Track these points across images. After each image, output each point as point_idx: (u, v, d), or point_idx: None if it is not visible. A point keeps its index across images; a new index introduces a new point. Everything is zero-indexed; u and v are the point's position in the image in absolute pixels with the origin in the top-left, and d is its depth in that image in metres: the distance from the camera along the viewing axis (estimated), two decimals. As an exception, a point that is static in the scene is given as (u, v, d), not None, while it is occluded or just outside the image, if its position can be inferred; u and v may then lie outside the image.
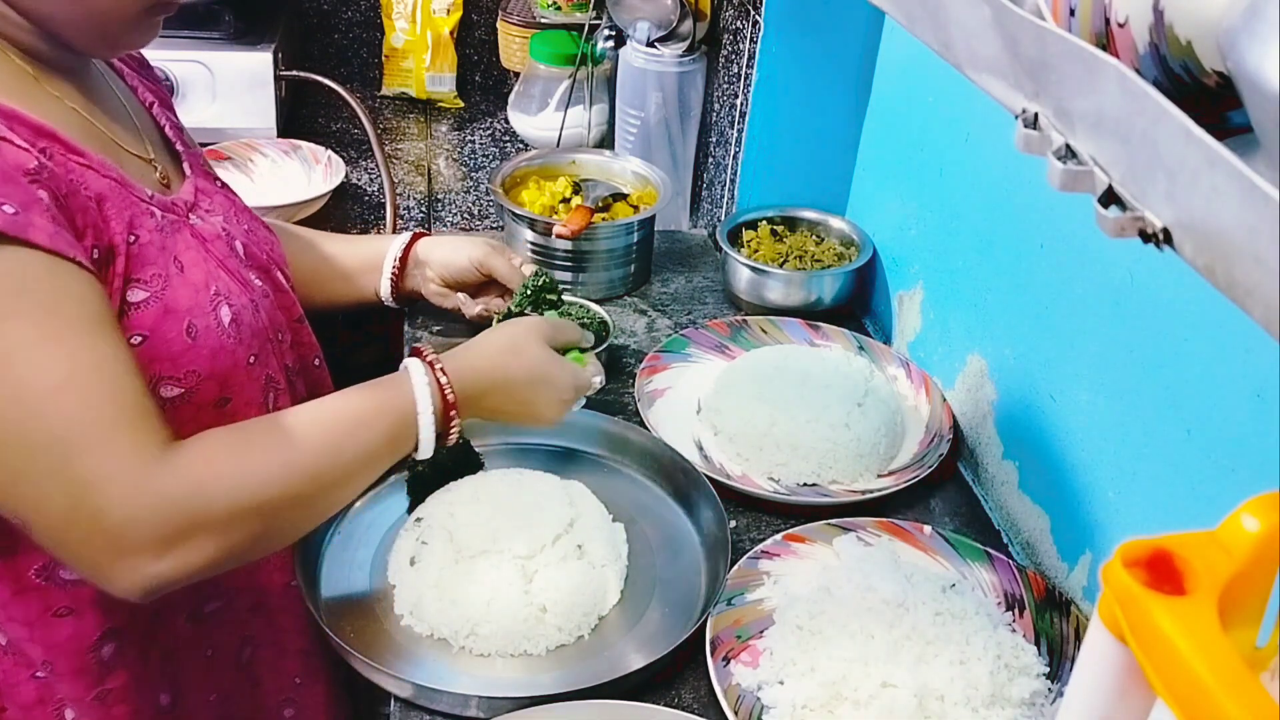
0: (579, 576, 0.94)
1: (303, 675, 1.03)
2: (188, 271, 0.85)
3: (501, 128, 1.98)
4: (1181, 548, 0.41)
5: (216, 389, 0.86)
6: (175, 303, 0.83)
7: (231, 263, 0.92)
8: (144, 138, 0.94)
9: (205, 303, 0.85)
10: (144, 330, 0.81)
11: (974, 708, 0.84)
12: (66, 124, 0.81)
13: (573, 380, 1.00)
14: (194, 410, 0.85)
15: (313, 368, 1.06)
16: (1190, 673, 0.37)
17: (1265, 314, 0.33)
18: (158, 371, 0.82)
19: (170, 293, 0.83)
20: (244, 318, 0.89)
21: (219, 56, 1.65)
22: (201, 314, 0.85)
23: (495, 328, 1.03)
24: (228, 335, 0.87)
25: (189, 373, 0.84)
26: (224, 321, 0.87)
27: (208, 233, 0.91)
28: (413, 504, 1.06)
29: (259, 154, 1.67)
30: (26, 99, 0.79)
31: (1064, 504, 1.01)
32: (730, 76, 1.49)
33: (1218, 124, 0.37)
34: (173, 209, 0.88)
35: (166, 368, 0.82)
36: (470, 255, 1.21)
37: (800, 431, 1.10)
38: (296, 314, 1.03)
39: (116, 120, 0.90)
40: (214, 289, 0.87)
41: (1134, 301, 0.90)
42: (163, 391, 0.82)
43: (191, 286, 0.85)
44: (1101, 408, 0.95)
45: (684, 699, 0.90)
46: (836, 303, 1.38)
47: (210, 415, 0.87)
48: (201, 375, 0.84)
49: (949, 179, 1.22)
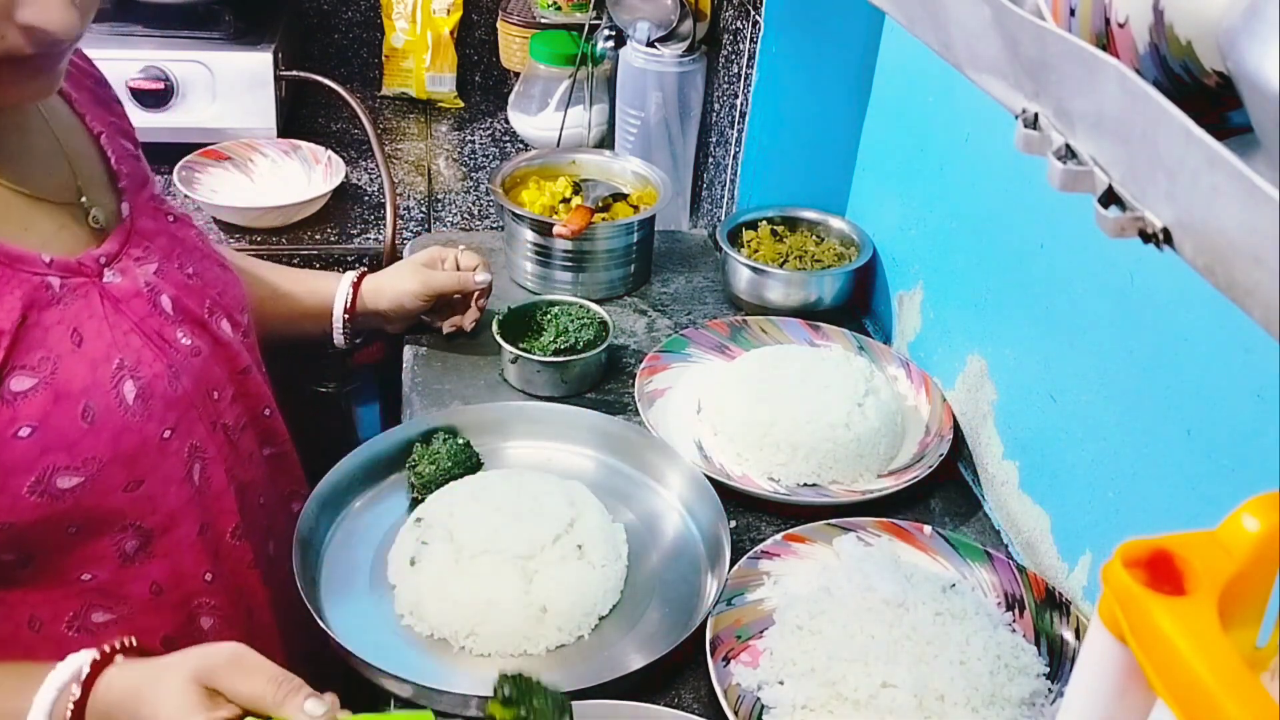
0: (579, 576, 0.94)
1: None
2: (87, 344, 0.80)
3: (501, 128, 1.98)
4: (1181, 548, 0.41)
5: (123, 473, 0.81)
6: (68, 385, 0.78)
7: (151, 323, 0.86)
8: (78, 179, 0.87)
9: (105, 380, 0.80)
10: (32, 421, 0.76)
11: (974, 708, 0.84)
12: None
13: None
14: (99, 498, 0.81)
15: (263, 418, 1.02)
16: (1190, 673, 0.37)
17: (1265, 314, 0.33)
18: (51, 462, 0.77)
19: (62, 375, 0.78)
20: (156, 389, 0.84)
21: (219, 56, 1.65)
22: (100, 393, 0.79)
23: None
24: (133, 413, 0.81)
25: (88, 460, 0.79)
26: (128, 398, 0.81)
27: (123, 292, 0.85)
28: (413, 504, 1.06)
29: (259, 154, 1.67)
30: None
31: (1064, 504, 1.01)
32: (730, 76, 1.49)
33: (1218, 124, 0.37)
34: (80, 271, 0.82)
35: (61, 458, 0.77)
36: (411, 291, 1.22)
37: (800, 431, 1.10)
38: (241, 365, 0.97)
39: (38, 162, 0.84)
40: (117, 361, 0.81)
41: (1134, 301, 0.90)
42: (59, 482, 0.77)
43: (89, 362, 0.80)
44: (1101, 408, 0.95)
45: (684, 699, 0.90)
46: (836, 303, 1.38)
47: (120, 500, 0.83)
48: (103, 460, 0.79)
49: (949, 179, 1.22)
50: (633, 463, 1.13)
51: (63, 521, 0.81)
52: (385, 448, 1.09)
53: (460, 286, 1.25)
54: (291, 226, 1.59)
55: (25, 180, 0.83)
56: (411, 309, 1.24)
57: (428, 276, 1.23)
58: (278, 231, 1.57)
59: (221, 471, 0.92)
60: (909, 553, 1.01)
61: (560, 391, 1.22)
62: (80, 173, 0.88)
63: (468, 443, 1.10)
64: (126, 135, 0.97)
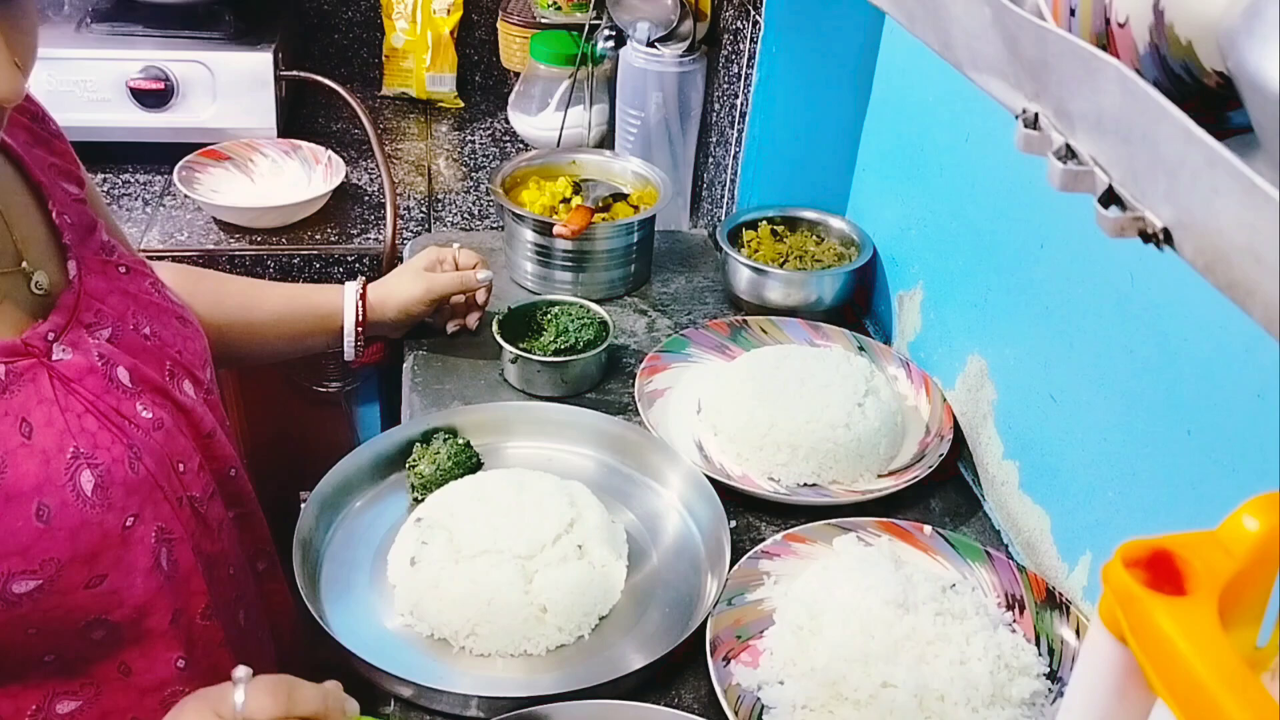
0: (579, 576, 0.94)
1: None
2: (37, 435, 0.74)
3: (502, 128, 1.98)
4: (1182, 548, 0.41)
5: (84, 570, 0.76)
6: (19, 485, 0.72)
7: (107, 401, 0.80)
8: (16, 243, 0.81)
9: (59, 473, 0.75)
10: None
11: (974, 708, 0.84)
12: None
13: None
14: (59, 598, 0.76)
15: (229, 479, 0.97)
16: (1190, 673, 0.37)
17: (1265, 314, 0.33)
18: (7, 569, 0.72)
19: (11, 473, 0.72)
20: (115, 475, 0.78)
21: (219, 56, 1.65)
22: (54, 489, 0.74)
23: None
24: (91, 505, 0.76)
25: (45, 562, 0.73)
26: (85, 490, 0.76)
27: (74, 370, 0.79)
28: (413, 504, 1.06)
29: (259, 154, 1.67)
30: None
31: (1064, 504, 1.01)
32: (730, 76, 1.49)
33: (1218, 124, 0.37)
34: (27, 351, 0.77)
35: (16, 563, 0.72)
36: (416, 297, 1.22)
37: (800, 431, 1.10)
38: (206, 429, 0.91)
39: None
40: (71, 450, 0.76)
41: (1134, 301, 0.90)
42: (15, 587, 0.72)
43: (41, 455, 0.74)
44: (1101, 408, 0.95)
45: (684, 699, 0.90)
46: (837, 303, 1.38)
47: (82, 598, 0.78)
48: (61, 561, 0.74)
49: (949, 179, 1.22)
50: (633, 463, 1.13)
51: (20, 625, 0.76)
52: (385, 448, 1.09)
53: (463, 286, 1.25)
54: (291, 226, 1.59)
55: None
56: (417, 314, 1.24)
57: (430, 280, 1.23)
58: (278, 231, 1.57)
59: (189, 551, 0.87)
60: (909, 553, 1.01)
61: (560, 391, 1.22)
62: (19, 233, 0.81)
63: (468, 443, 1.11)
64: (70, 175, 0.90)
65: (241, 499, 0.99)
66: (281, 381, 1.64)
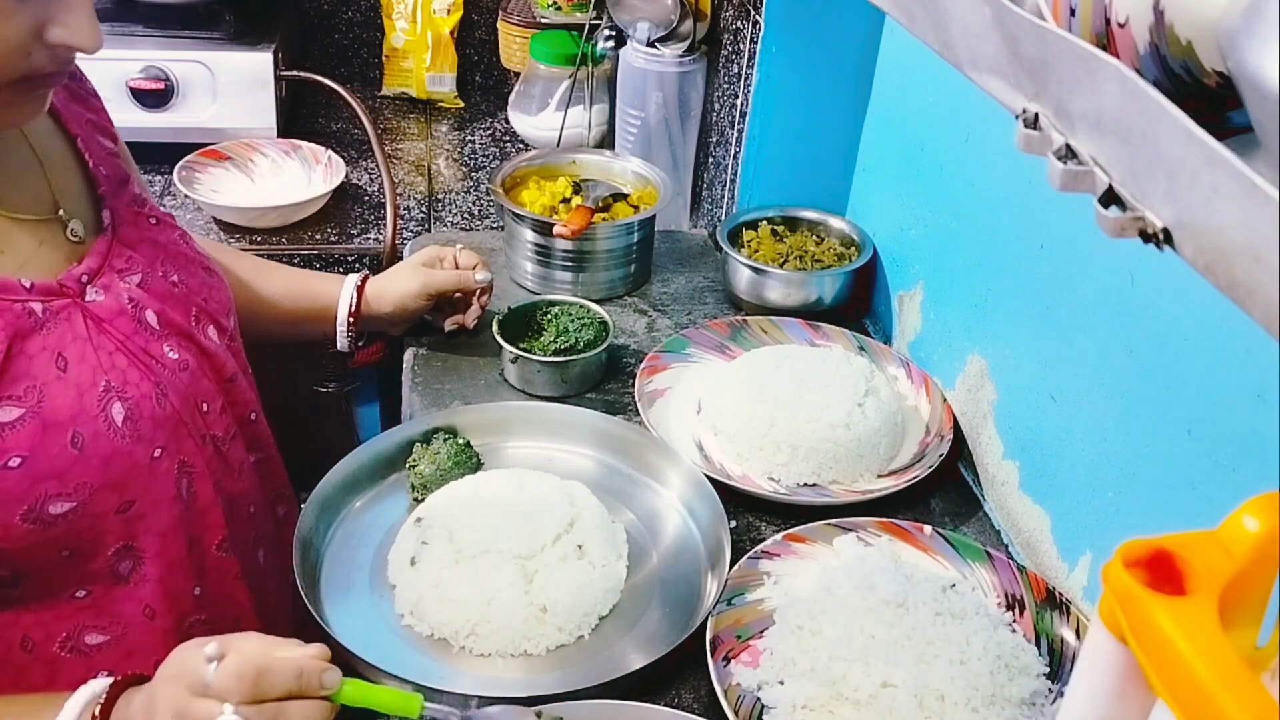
0: (579, 576, 0.94)
1: None
2: (72, 370, 0.79)
3: (502, 128, 1.98)
4: (1182, 548, 0.41)
5: (115, 496, 0.81)
6: (55, 414, 0.77)
7: (136, 341, 0.85)
8: (54, 191, 0.86)
9: (92, 405, 0.79)
10: (21, 452, 0.75)
11: (974, 708, 0.84)
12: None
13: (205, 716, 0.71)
14: (90, 520, 0.81)
15: (249, 424, 1.01)
16: (1190, 673, 0.37)
17: (1265, 314, 0.33)
18: (43, 491, 0.76)
19: (49, 403, 0.77)
20: (143, 410, 0.83)
21: (219, 56, 1.65)
22: (88, 419, 0.79)
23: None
24: (122, 436, 0.81)
25: (79, 485, 0.78)
26: (116, 421, 0.81)
27: (106, 311, 0.83)
28: (413, 504, 1.06)
29: (259, 154, 1.67)
30: None
31: (1064, 504, 1.01)
32: (730, 76, 1.49)
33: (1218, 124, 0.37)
34: (61, 292, 0.81)
35: (52, 486, 0.77)
36: (412, 292, 1.22)
37: (800, 431, 1.10)
38: (229, 373, 0.96)
39: (11, 184, 0.83)
40: (103, 384, 0.81)
41: (1134, 301, 0.90)
42: (51, 508, 0.77)
43: (75, 388, 0.79)
44: (1101, 408, 0.95)
45: (684, 699, 0.90)
46: (837, 303, 1.38)
47: (112, 523, 0.83)
48: (94, 486, 0.79)
49: (949, 179, 1.22)
50: (633, 463, 1.13)
51: (55, 545, 0.80)
52: (385, 448, 1.09)
53: (460, 285, 1.25)
54: (292, 226, 1.59)
55: (5, 199, 0.81)
56: (414, 310, 1.24)
57: (428, 276, 1.23)
58: (278, 231, 1.57)
59: (209, 486, 0.91)
60: (909, 553, 1.01)
61: (560, 391, 1.22)
62: (56, 183, 0.86)
63: (468, 443, 1.11)
64: (104, 131, 0.95)
65: (261, 443, 1.03)
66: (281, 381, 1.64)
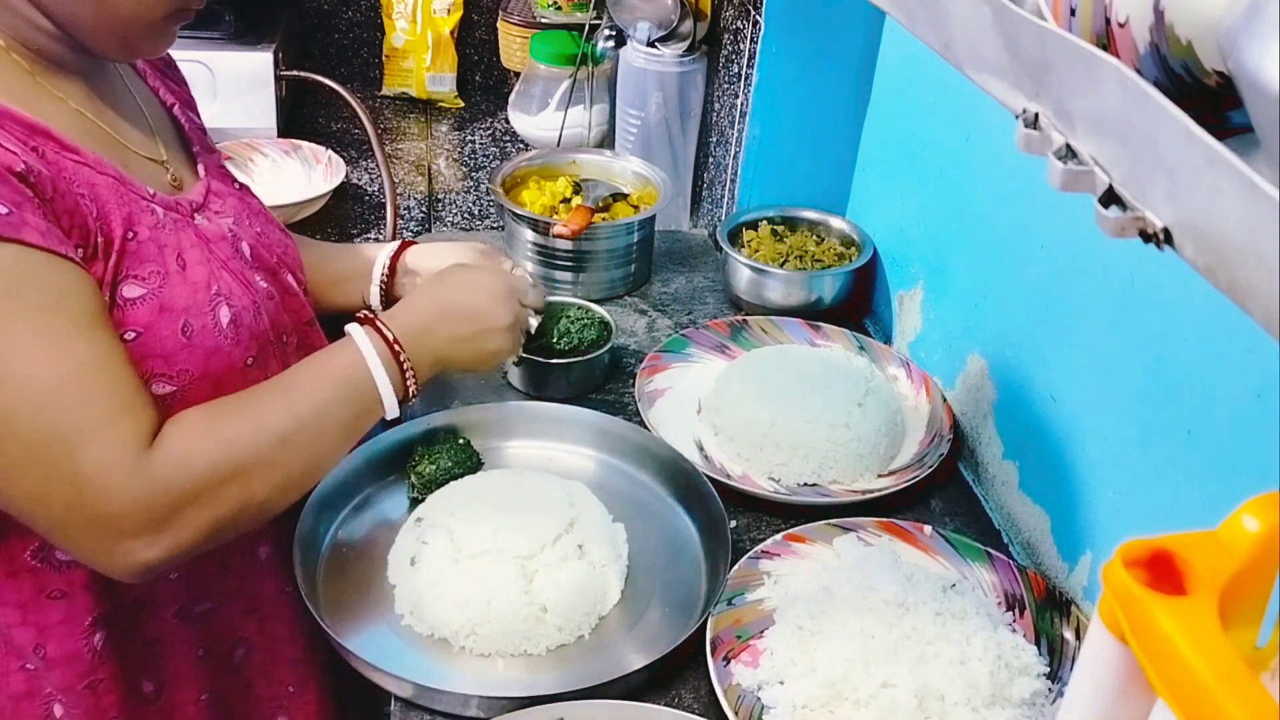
0: (579, 576, 0.94)
1: (295, 684, 1.03)
2: (190, 270, 0.86)
3: (502, 128, 1.98)
4: (1182, 548, 0.41)
5: (210, 389, 0.86)
6: (172, 301, 0.83)
7: (235, 264, 0.92)
8: (158, 140, 0.94)
9: (204, 302, 0.85)
10: (138, 326, 0.81)
11: (974, 707, 0.84)
12: (64, 123, 0.82)
13: (506, 282, 1.01)
14: (184, 408, 0.84)
15: None
16: (1190, 673, 0.37)
17: (1266, 314, 0.33)
18: (150, 368, 0.82)
19: (168, 290, 0.83)
20: (244, 319, 0.89)
21: (219, 56, 1.65)
22: (199, 314, 0.85)
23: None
24: (225, 336, 0.87)
25: (182, 371, 0.84)
26: (222, 322, 0.87)
27: (212, 234, 0.91)
28: (413, 504, 1.06)
29: (259, 154, 1.67)
30: (24, 97, 0.80)
31: (1064, 504, 1.01)
32: (730, 76, 1.49)
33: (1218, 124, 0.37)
34: (176, 208, 0.89)
35: (159, 365, 0.83)
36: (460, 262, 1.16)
37: (800, 431, 1.10)
38: (306, 317, 1.02)
39: (127, 121, 0.91)
40: (215, 289, 0.87)
41: (1134, 301, 0.90)
42: (154, 388, 0.83)
43: (191, 285, 0.85)
44: (1101, 408, 0.95)
45: (684, 699, 0.90)
46: (837, 303, 1.38)
47: None
48: (194, 375, 0.85)
49: (949, 179, 1.22)
50: (633, 463, 1.13)
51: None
52: (385, 448, 1.09)
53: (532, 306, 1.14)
54: (292, 226, 1.57)
55: (121, 132, 0.89)
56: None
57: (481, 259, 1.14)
58: (278, 231, 1.57)
59: None
60: (909, 553, 1.01)
61: (563, 393, 1.22)
62: (159, 136, 0.95)
63: (468, 442, 1.10)
64: (193, 109, 1.06)
65: None
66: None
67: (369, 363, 0.88)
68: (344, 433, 0.88)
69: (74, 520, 0.74)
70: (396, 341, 0.91)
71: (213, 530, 0.78)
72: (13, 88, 0.80)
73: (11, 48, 0.81)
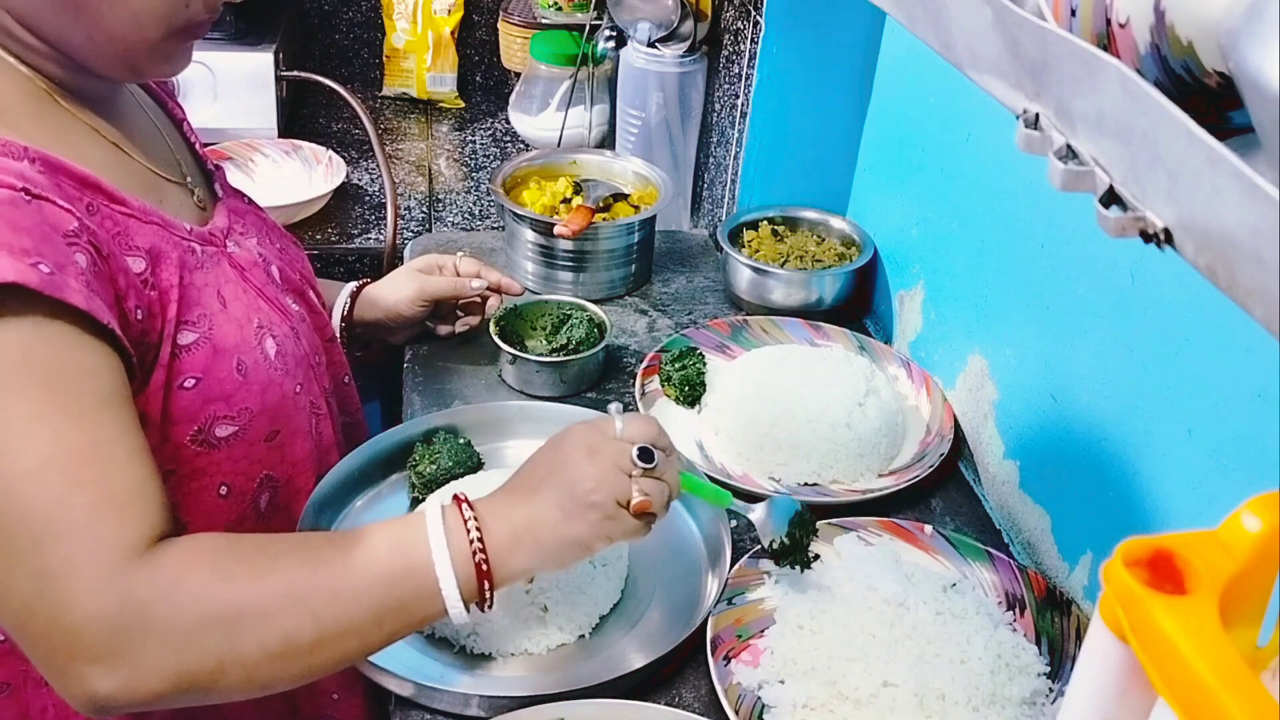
0: (579, 576, 0.94)
1: (340, 690, 1.02)
2: (230, 307, 0.85)
3: (502, 128, 1.98)
4: (1182, 547, 0.41)
5: (268, 423, 0.87)
6: (223, 341, 0.83)
7: (270, 290, 0.92)
8: (178, 159, 0.93)
9: (250, 337, 0.85)
10: (197, 373, 0.80)
11: (974, 707, 0.84)
12: (101, 161, 0.79)
13: (616, 451, 0.79)
14: (246, 447, 0.86)
15: (343, 385, 1.07)
16: (1191, 672, 0.37)
17: (1266, 314, 0.33)
18: (213, 412, 0.82)
19: (217, 331, 0.83)
20: (287, 347, 0.89)
21: (220, 56, 1.65)
22: (248, 349, 0.85)
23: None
24: (275, 368, 0.87)
25: (242, 410, 0.84)
26: (270, 354, 0.87)
27: (245, 260, 0.91)
28: (413, 504, 1.06)
29: (260, 154, 1.67)
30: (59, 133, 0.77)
31: (1065, 504, 1.01)
32: (731, 77, 1.49)
33: (1219, 124, 0.37)
34: (211, 240, 0.88)
35: (221, 408, 0.82)
36: (407, 298, 1.21)
37: (801, 431, 1.10)
38: (329, 333, 1.04)
39: (150, 146, 0.90)
40: (256, 321, 0.87)
41: (1135, 301, 0.90)
42: (218, 431, 0.83)
43: (235, 322, 0.85)
44: (1102, 408, 0.95)
45: (684, 699, 0.90)
46: (837, 302, 1.38)
47: (261, 450, 0.88)
48: (254, 411, 0.85)
49: (950, 179, 1.22)
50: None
51: (215, 474, 0.85)
52: (385, 448, 1.09)
53: (456, 292, 1.24)
54: (292, 226, 1.59)
55: (149, 158, 0.88)
56: (409, 316, 1.22)
57: (424, 282, 1.22)
58: (278, 231, 1.57)
59: (330, 428, 1.00)
60: (910, 552, 1.01)
61: (559, 391, 1.22)
62: (178, 154, 0.94)
63: (468, 442, 1.10)
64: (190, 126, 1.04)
65: (351, 406, 1.11)
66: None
67: (443, 585, 0.74)
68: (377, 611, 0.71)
69: (30, 626, 0.64)
70: (484, 565, 0.75)
71: (178, 681, 0.65)
72: (49, 124, 0.77)
73: (35, 79, 0.79)
